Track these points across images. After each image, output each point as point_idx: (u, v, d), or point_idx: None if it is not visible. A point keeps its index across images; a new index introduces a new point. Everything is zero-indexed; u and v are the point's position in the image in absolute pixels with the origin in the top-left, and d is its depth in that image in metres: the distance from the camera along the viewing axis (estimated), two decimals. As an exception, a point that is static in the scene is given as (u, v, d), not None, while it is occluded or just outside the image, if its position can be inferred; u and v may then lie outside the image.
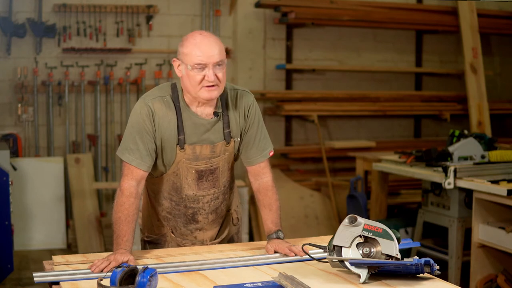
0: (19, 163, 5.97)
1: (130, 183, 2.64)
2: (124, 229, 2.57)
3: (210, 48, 2.59)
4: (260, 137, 2.82)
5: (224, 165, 2.78)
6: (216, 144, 2.72)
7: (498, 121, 7.68)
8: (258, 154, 2.82)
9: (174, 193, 2.78)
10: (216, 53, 2.59)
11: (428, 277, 2.34)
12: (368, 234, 2.32)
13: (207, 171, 2.74)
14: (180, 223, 2.84)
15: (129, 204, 2.60)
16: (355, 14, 6.94)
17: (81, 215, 6.30)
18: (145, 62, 6.56)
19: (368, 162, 5.81)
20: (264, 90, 6.88)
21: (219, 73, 2.61)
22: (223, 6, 6.79)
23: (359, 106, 7.10)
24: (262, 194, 2.82)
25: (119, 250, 2.53)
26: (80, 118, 6.48)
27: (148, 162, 2.66)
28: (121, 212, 2.59)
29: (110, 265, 2.44)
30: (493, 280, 4.53)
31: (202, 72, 2.59)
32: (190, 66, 2.60)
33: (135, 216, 2.61)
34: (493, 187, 4.22)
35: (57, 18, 6.29)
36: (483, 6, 7.52)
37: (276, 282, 2.26)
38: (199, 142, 2.70)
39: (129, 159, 2.65)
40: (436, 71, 7.64)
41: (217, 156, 2.74)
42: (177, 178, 2.74)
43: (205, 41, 2.60)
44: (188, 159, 2.70)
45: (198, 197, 2.78)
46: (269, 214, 2.81)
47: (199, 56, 2.58)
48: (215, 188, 2.80)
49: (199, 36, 2.61)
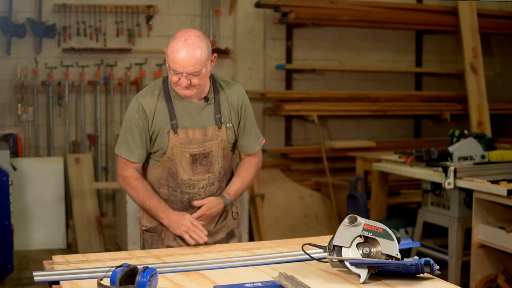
0: (19, 163, 5.97)
1: (130, 170, 2.87)
2: (153, 202, 2.84)
3: (185, 60, 2.67)
4: (255, 127, 3.03)
5: (218, 151, 2.89)
6: (207, 128, 2.86)
7: (498, 121, 7.68)
8: (255, 143, 3.04)
9: (171, 179, 2.89)
10: (191, 65, 2.67)
11: (428, 277, 2.34)
12: (368, 234, 2.32)
13: (201, 155, 2.86)
14: (177, 209, 2.92)
15: (141, 184, 2.86)
16: (355, 14, 6.94)
17: (81, 215, 6.30)
18: (145, 62, 6.56)
19: (368, 162, 5.81)
20: (264, 90, 6.88)
21: (193, 80, 2.72)
22: (223, 6, 6.79)
23: (359, 106, 7.10)
24: (244, 167, 3.04)
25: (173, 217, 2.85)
26: (80, 118, 6.48)
27: (137, 153, 2.85)
28: (141, 192, 2.85)
29: (196, 232, 2.82)
30: (493, 280, 4.53)
31: (178, 75, 2.73)
32: (168, 66, 2.76)
33: (151, 189, 2.87)
34: (493, 187, 4.23)
35: (57, 18, 6.29)
36: (483, 6, 7.52)
37: (276, 282, 2.26)
38: (191, 126, 2.84)
39: (120, 152, 2.88)
40: (436, 71, 7.64)
41: (209, 140, 2.87)
42: (173, 163, 2.86)
43: (183, 51, 2.67)
44: (181, 143, 2.84)
45: (193, 182, 2.89)
46: (238, 183, 2.99)
47: (175, 63, 2.70)
48: (210, 173, 2.90)
49: (181, 43, 2.68)
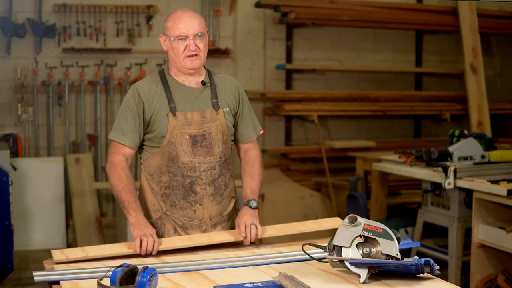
0: (19, 163, 5.97)
1: (119, 157, 2.90)
2: (130, 197, 2.85)
3: (190, 21, 2.88)
4: (252, 116, 3.11)
5: (217, 134, 2.94)
6: (205, 110, 2.93)
7: (498, 121, 7.68)
8: (252, 131, 3.10)
9: (171, 164, 2.91)
10: (196, 26, 2.88)
11: (428, 277, 2.34)
12: (368, 234, 2.32)
13: (200, 136, 2.91)
14: (180, 195, 2.92)
15: (125, 175, 2.88)
16: (355, 14, 6.94)
17: (81, 215, 6.30)
18: (145, 62, 6.56)
19: (368, 162, 5.81)
20: (264, 90, 6.87)
21: (199, 44, 2.89)
22: (223, 6, 6.79)
23: (359, 106, 7.10)
24: (249, 165, 3.08)
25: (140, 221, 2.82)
26: (80, 118, 6.48)
27: (130, 137, 2.90)
28: (122, 183, 2.87)
29: (149, 242, 2.74)
30: (493, 280, 4.53)
31: (184, 42, 2.87)
32: (173, 38, 2.88)
33: (133, 185, 2.90)
34: (493, 187, 4.22)
35: (57, 18, 6.29)
36: (483, 6, 7.52)
37: (276, 282, 2.26)
38: (190, 109, 2.92)
39: (113, 136, 2.92)
40: (436, 71, 7.64)
41: (208, 122, 2.92)
42: (173, 146, 2.90)
43: (186, 15, 2.90)
44: (181, 125, 2.89)
45: (195, 165, 2.91)
46: (251, 182, 3.05)
47: (181, 28, 2.87)
48: (210, 155, 2.93)
49: (180, 12, 2.92)
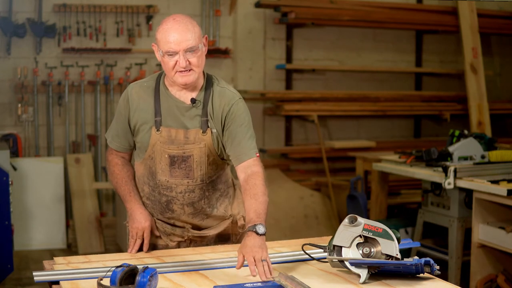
0: (19, 163, 5.96)
1: (113, 155, 2.87)
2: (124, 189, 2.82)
3: (180, 35, 2.56)
4: (248, 136, 2.69)
5: (200, 156, 2.70)
6: (189, 130, 2.68)
7: (498, 121, 7.68)
8: (247, 150, 2.67)
9: (151, 178, 2.79)
10: (187, 40, 2.56)
11: (428, 277, 2.34)
12: (368, 234, 2.32)
13: (179, 158, 2.70)
14: (157, 209, 2.84)
15: (118, 170, 2.84)
16: (355, 14, 6.94)
17: (81, 215, 6.30)
18: (145, 62, 6.56)
19: (368, 162, 5.81)
20: (264, 90, 6.87)
21: (191, 59, 2.59)
22: (223, 6, 6.79)
23: (359, 106, 7.10)
24: (250, 184, 2.59)
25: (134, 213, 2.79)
26: (80, 118, 6.48)
27: (117, 141, 2.83)
28: (115, 178, 2.85)
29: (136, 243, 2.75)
30: (493, 280, 4.53)
31: (174, 58, 2.58)
32: (162, 52, 2.60)
33: (130, 176, 2.85)
34: (493, 187, 4.22)
35: (57, 18, 6.29)
36: (483, 6, 7.51)
37: (276, 282, 2.26)
38: (175, 125, 2.69)
39: (107, 135, 2.88)
40: (436, 71, 7.64)
41: (191, 143, 2.69)
42: (152, 162, 2.75)
43: (176, 27, 2.57)
44: (162, 142, 2.70)
45: (171, 185, 2.75)
46: (255, 204, 2.53)
47: (170, 43, 2.56)
48: (189, 179, 2.73)
49: (171, 22, 2.60)
